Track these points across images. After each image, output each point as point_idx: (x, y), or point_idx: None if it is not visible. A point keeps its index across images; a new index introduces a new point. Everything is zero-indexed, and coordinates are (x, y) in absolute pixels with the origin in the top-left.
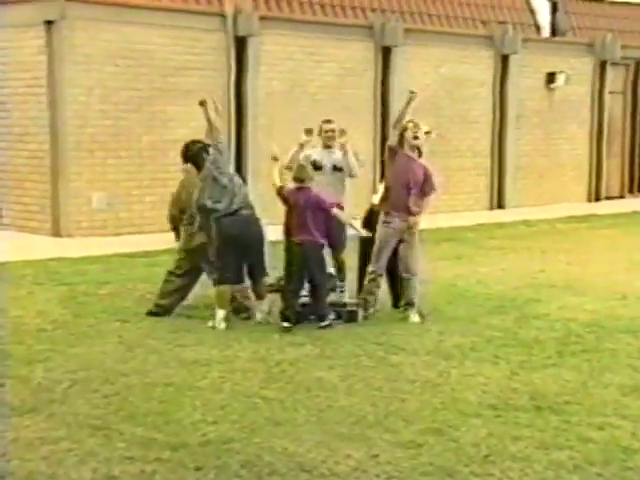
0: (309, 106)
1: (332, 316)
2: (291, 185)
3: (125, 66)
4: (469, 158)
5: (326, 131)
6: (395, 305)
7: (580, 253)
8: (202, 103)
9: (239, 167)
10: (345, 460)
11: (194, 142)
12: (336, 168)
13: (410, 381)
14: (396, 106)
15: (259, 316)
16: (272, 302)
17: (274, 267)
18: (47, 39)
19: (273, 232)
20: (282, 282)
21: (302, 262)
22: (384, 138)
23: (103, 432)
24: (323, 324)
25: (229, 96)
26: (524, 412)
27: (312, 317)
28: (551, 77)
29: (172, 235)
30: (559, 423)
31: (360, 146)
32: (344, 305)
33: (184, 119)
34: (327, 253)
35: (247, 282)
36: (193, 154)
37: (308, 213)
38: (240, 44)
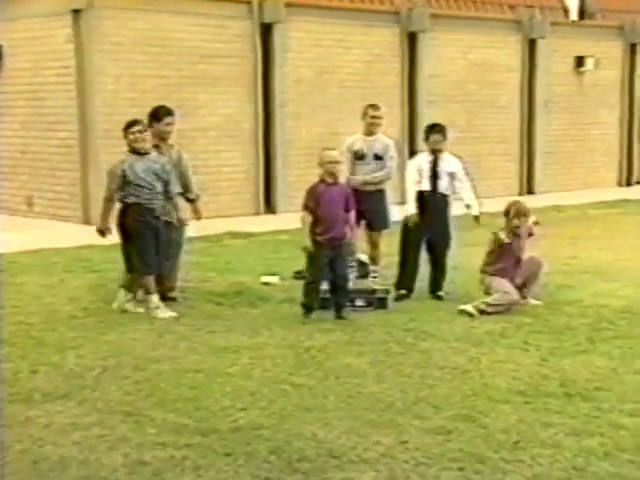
0: (337, 93)
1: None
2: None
3: (153, 54)
4: (498, 144)
5: (372, 117)
6: (432, 292)
7: (611, 239)
8: None
9: (267, 155)
10: (374, 446)
11: None
12: (377, 157)
13: (439, 367)
14: (424, 92)
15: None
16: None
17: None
18: (75, 28)
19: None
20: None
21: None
22: (412, 124)
23: (134, 418)
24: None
25: (257, 83)
26: (554, 398)
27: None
28: (580, 61)
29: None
30: (590, 410)
31: (389, 132)
32: (374, 292)
33: (213, 106)
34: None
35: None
36: None
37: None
38: (266, 31)
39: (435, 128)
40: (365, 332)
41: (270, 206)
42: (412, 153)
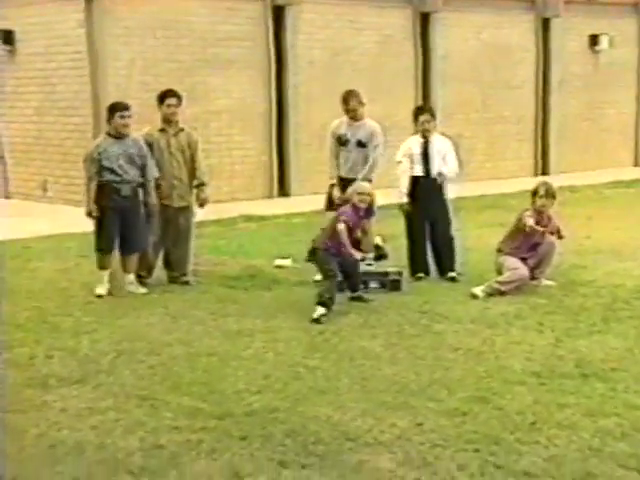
0: (350, 75)
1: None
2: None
3: (165, 38)
4: (512, 124)
5: (346, 111)
6: (442, 274)
7: (627, 219)
8: None
9: (280, 137)
10: (390, 428)
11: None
12: (360, 143)
13: (454, 349)
14: (437, 73)
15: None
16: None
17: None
18: (87, 13)
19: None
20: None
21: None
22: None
23: (149, 402)
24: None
25: (269, 66)
26: (570, 379)
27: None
28: (594, 40)
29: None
30: (605, 390)
31: (400, 114)
32: (387, 274)
33: (225, 90)
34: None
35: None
36: None
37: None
38: (278, 13)
39: (423, 108)
40: (379, 314)
41: (283, 189)
42: None
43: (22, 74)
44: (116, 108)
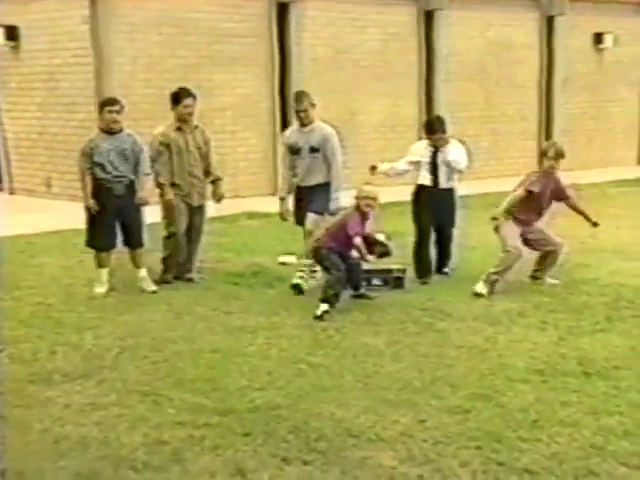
0: (354, 72)
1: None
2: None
3: (169, 34)
4: (516, 122)
5: (297, 111)
6: (438, 270)
7: (630, 217)
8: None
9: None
10: (392, 425)
11: None
12: (313, 149)
13: (457, 347)
14: (441, 71)
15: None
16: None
17: None
18: (91, 9)
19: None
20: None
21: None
22: (429, 104)
23: (152, 398)
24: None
25: (273, 63)
26: (572, 377)
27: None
28: (599, 38)
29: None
30: (608, 388)
31: (404, 111)
32: (390, 271)
33: (229, 86)
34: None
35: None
36: None
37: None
38: (282, 10)
39: (434, 127)
40: (382, 312)
41: None
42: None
43: (26, 70)
44: (105, 103)
